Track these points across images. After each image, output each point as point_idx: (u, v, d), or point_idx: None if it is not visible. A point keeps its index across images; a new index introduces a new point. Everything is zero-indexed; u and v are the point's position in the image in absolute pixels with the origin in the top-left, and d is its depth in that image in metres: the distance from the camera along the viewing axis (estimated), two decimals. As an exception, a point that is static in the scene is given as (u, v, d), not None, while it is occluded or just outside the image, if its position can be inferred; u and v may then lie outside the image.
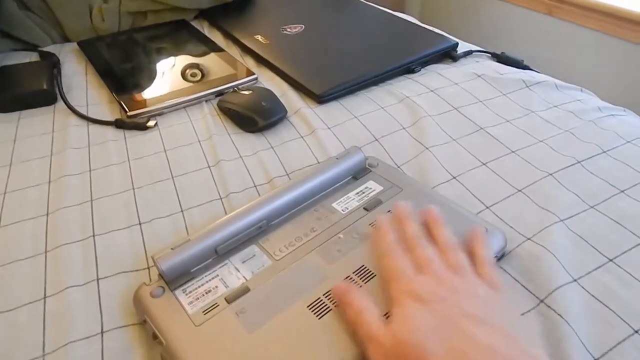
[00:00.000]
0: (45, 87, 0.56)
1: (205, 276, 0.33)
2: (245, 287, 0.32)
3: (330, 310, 0.30)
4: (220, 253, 0.34)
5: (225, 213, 0.41)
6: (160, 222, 0.40)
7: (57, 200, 0.42)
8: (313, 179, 0.40)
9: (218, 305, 0.30)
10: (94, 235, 0.39)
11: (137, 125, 0.52)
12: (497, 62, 0.67)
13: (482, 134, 0.51)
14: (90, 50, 0.68)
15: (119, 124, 0.52)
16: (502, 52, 0.68)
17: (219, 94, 0.58)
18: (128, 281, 0.35)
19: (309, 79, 0.59)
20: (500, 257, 0.36)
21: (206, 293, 0.31)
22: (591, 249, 0.36)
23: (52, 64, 0.62)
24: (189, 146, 0.50)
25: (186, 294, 0.31)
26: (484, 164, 0.46)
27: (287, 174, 0.46)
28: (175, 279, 0.32)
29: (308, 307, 0.30)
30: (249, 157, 0.48)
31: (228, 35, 0.75)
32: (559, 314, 0.31)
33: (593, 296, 0.33)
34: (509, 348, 0.24)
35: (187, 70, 0.61)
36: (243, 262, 0.34)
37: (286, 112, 0.54)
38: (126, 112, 0.54)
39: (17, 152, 0.48)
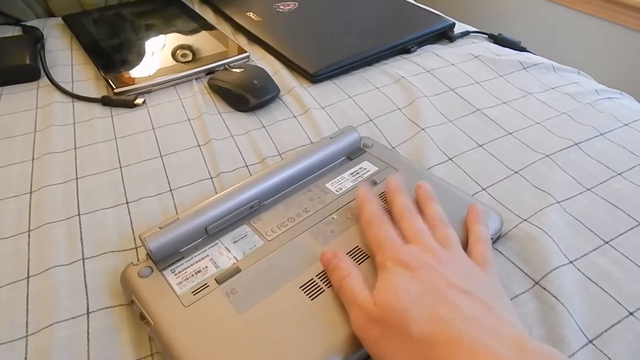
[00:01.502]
0: (28, 62, 0.54)
1: (195, 256, 0.32)
2: (236, 267, 0.31)
3: (324, 291, 0.29)
4: (211, 233, 0.33)
5: (216, 193, 0.40)
6: (149, 202, 0.39)
7: (41, 178, 0.41)
8: (306, 159, 0.39)
9: (208, 286, 0.30)
10: (79, 214, 0.37)
11: (124, 102, 0.50)
12: (494, 43, 0.66)
13: (479, 115, 0.50)
14: (75, 25, 0.66)
15: (105, 101, 0.51)
16: (499, 34, 0.67)
17: (210, 72, 0.57)
18: (114, 261, 0.34)
19: (302, 57, 0.58)
20: (497, 238, 0.35)
21: (196, 273, 0.31)
22: (587, 231, 0.36)
23: (35, 39, 0.60)
24: (178, 124, 0.48)
25: (175, 274, 0.30)
26: (480, 146, 0.45)
27: (280, 154, 0.45)
28: (164, 258, 0.31)
29: (300, 287, 0.29)
30: (241, 137, 0.47)
31: (219, 12, 0.73)
32: (554, 296, 0.31)
33: (588, 278, 0.32)
34: (492, 320, 0.24)
35: (178, 51, 0.59)
36: (234, 242, 0.33)
37: (279, 91, 0.53)
38: (113, 89, 0.52)
39: (0, 129, 0.47)
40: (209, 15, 0.73)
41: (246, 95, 0.50)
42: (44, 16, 0.71)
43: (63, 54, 0.60)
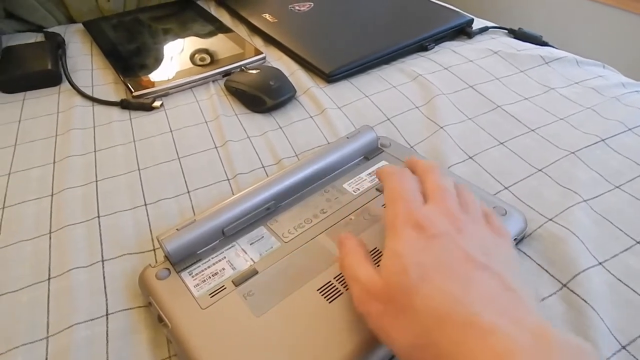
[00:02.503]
0: (49, 67, 0.55)
1: (212, 258, 0.32)
2: (253, 269, 0.31)
3: (342, 294, 0.28)
4: (228, 234, 0.33)
5: (233, 194, 0.39)
6: (166, 203, 0.39)
7: (62, 181, 0.41)
8: (323, 159, 0.38)
9: (225, 288, 0.29)
10: (98, 216, 0.38)
11: (142, 105, 0.51)
12: (514, 38, 0.65)
13: (499, 112, 0.48)
14: (95, 30, 0.67)
15: (124, 105, 0.51)
16: (519, 28, 0.65)
17: (226, 73, 0.57)
18: (133, 263, 0.34)
19: (318, 57, 0.57)
20: (521, 239, 0.34)
21: (213, 275, 0.30)
22: (616, 230, 0.34)
23: (56, 45, 0.61)
24: (195, 127, 0.49)
25: (192, 276, 0.30)
26: (502, 143, 0.44)
27: (296, 155, 0.45)
28: (181, 260, 0.31)
29: (318, 290, 0.29)
30: (257, 138, 0.47)
31: (235, 15, 0.73)
32: (583, 299, 0.29)
33: (619, 280, 0.31)
34: (513, 302, 0.21)
35: (195, 54, 0.60)
36: (251, 243, 0.33)
37: (295, 91, 0.53)
38: (132, 92, 0.52)
39: (22, 133, 0.48)
40: (225, 17, 0.74)
41: (262, 97, 0.50)
42: (65, 22, 0.73)
43: (83, 59, 0.61)
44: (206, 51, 0.60)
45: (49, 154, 0.45)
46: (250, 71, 0.54)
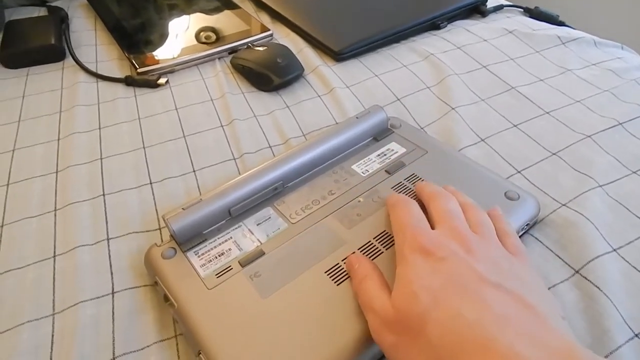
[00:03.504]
0: (53, 42, 0.54)
1: (218, 238, 0.31)
2: (260, 250, 0.30)
3: (349, 276, 0.28)
4: (234, 215, 0.33)
5: (239, 174, 0.39)
6: (172, 182, 0.39)
7: (67, 158, 0.41)
8: (332, 140, 0.37)
9: (231, 269, 0.29)
10: (104, 194, 0.37)
11: (147, 82, 0.50)
12: (530, 17, 0.63)
13: (513, 94, 0.47)
14: (99, 5, 0.65)
15: (129, 81, 0.50)
16: (536, 7, 0.63)
17: (233, 50, 0.55)
18: (139, 242, 0.34)
19: (327, 35, 0.56)
20: (533, 224, 0.33)
21: (219, 256, 0.30)
22: (632, 217, 0.33)
23: (60, 19, 0.59)
24: (201, 104, 0.48)
25: (198, 256, 0.30)
26: (515, 126, 0.43)
27: (304, 135, 0.44)
28: (187, 240, 0.31)
29: (325, 272, 0.28)
30: (264, 117, 0.46)
31: (242, -10, 0.71)
32: (596, 286, 0.29)
33: (634, 267, 0.30)
34: (533, 323, 0.20)
35: (201, 31, 0.58)
36: (257, 224, 0.32)
37: (303, 69, 0.51)
38: (136, 69, 0.51)
39: (26, 109, 0.47)
40: (231, -7, 0.72)
41: (269, 74, 0.49)
42: (68, -3, 0.71)
43: (87, 34, 0.60)
44: (212, 27, 0.59)
45: (53, 130, 0.44)
46: (257, 48, 0.52)
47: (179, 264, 0.30)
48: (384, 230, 0.31)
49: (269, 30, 0.58)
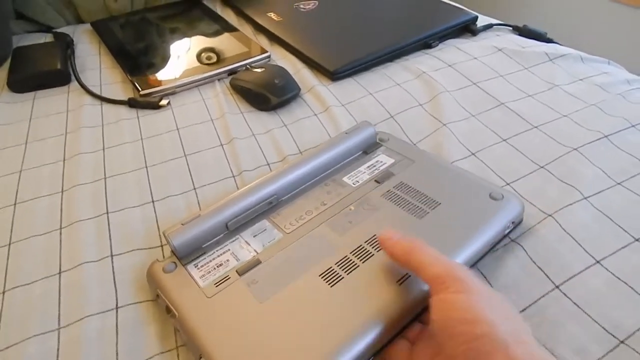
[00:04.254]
0: (59, 67, 0.56)
1: (217, 251, 0.33)
2: (257, 259, 0.31)
3: (343, 278, 0.29)
4: (231, 228, 0.34)
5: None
6: (173, 200, 0.40)
7: (72, 178, 0.42)
8: (323, 154, 0.39)
9: (229, 278, 0.30)
10: (107, 213, 0.39)
11: (150, 104, 0.52)
12: (519, 35, 0.65)
13: (503, 109, 0.49)
14: (103, 30, 0.68)
15: (132, 103, 0.52)
16: (524, 25, 0.65)
17: (232, 72, 0.58)
18: (141, 258, 0.35)
19: (322, 55, 0.58)
20: (518, 223, 0.34)
21: (218, 266, 0.31)
22: (616, 228, 0.35)
23: (65, 45, 0.62)
24: (201, 124, 0.49)
25: (198, 268, 0.31)
26: (504, 140, 0.44)
27: (301, 152, 0.45)
28: (187, 254, 0.32)
29: (320, 275, 0.30)
30: (262, 135, 0.48)
31: (241, 14, 0.74)
32: (574, 303, 0.30)
33: (617, 277, 0.31)
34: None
35: (202, 53, 0.60)
36: (254, 236, 0.34)
37: (299, 89, 0.53)
38: (139, 91, 0.53)
39: (33, 131, 0.49)
40: (230, 17, 0.74)
41: (267, 94, 0.51)
42: (73, 23, 0.74)
43: (92, 59, 0.62)
44: (212, 50, 0.61)
45: (59, 151, 0.46)
46: (256, 69, 0.54)
47: (179, 276, 0.31)
48: (375, 235, 0.32)
49: (267, 52, 0.60)
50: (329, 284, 0.29)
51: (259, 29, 0.69)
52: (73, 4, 0.73)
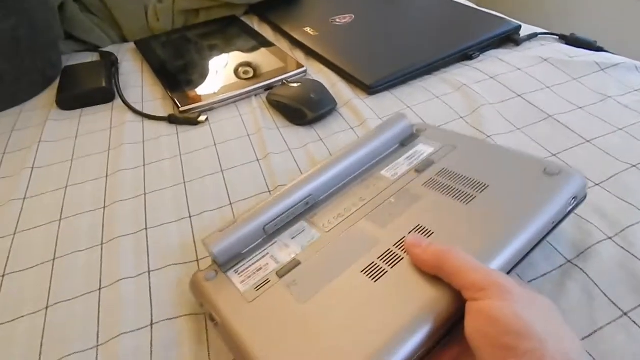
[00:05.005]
0: (104, 85, 0.58)
1: (256, 255, 0.32)
2: (296, 261, 0.30)
3: (387, 272, 0.27)
4: (269, 232, 0.33)
5: (274, 207, 0.40)
6: (209, 215, 0.40)
7: (114, 194, 0.43)
8: (358, 151, 0.38)
9: (269, 281, 0.29)
10: (146, 228, 0.39)
11: (188, 120, 0.53)
12: (566, 44, 0.62)
13: (551, 122, 0.46)
14: (146, 49, 0.70)
15: (172, 120, 0.53)
16: (572, 34, 0.62)
17: (268, 87, 0.58)
18: (177, 273, 0.35)
19: (359, 69, 0.57)
20: (582, 200, 0.31)
21: (257, 271, 0.31)
22: (687, 251, 0.31)
23: (110, 63, 0.64)
24: (238, 140, 0.50)
25: (238, 274, 0.31)
26: (554, 155, 0.42)
27: (337, 167, 0.44)
28: (227, 261, 0.32)
29: (362, 271, 0.28)
30: (298, 150, 0.47)
31: (277, 29, 0.74)
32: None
33: None
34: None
35: (239, 69, 0.61)
36: (292, 238, 0.33)
37: (336, 103, 0.53)
38: (178, 107, 0.54)
39: (78, 148, 0.50)
40: (267, 32, 0.75)
41: (303, 109, 0.50)
42: (118, 42, 0.77)
43: (135, 76, 0.64)
44: (249, 65, 0.62)
45: (102, 168, 0.47)
46: (292, 85, 0.54)
47: (220, 283, 0.30)
48: (419, 224, 0.30)
49: (303, 67, 0.60)
50: (372, 280, 0.27)
51: (295, 43, 0.69)
52: (118, 24, 0.76)
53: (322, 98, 0.52)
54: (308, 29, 0.69)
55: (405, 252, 0.28)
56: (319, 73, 0.61)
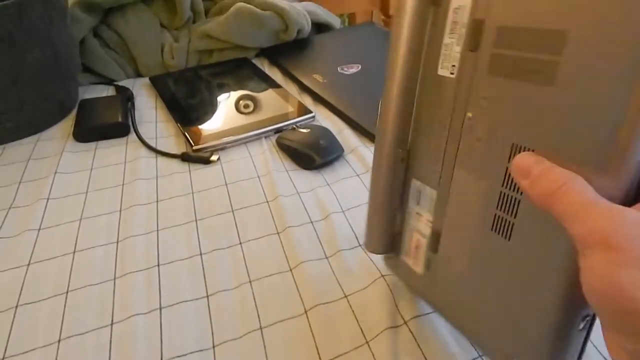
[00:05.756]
0: (120, 120, 0.60)
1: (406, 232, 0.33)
2: (437, 232, 0.29)
3: (514, 225, 0.23)
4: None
5: (283, 247, 0.42)
6: (219, 254, 0.42)
7: (127, 229, 0.44)
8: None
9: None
10: (158, 265, 0.40)
11: (201, 159, 0.55)
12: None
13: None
14: (160, 85, 0.73)
15: (184, 158, 0.55)
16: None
17: (278, 130, 0.60)
18: (187, 310, 0.36)
19: (365, 118, 0.60)
20: None
21: (416, 248, 0.32)
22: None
23: (126, 98, 0.67)
24: (248, 181, 0.52)
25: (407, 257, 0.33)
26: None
27: (343, 211, 0.46)
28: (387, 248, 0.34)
29: (492, 230, 0.24)
30: (306, 194, 0.49)
31: (287, 74, 0.78)
32: None
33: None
34: None
35: (250, 111, 0.64)
36: (418, 203, 0.31)
37: (343, 150, 0.55)
38: (192, 145, 0.56)
39: (93, 181, 0.52)
40: (277, 75, 0.79)
41: (312, 155, 0.53)
42: (133, 76, 0.80)
43: (149, 112, 0.67)
44: (260, 107, 0.65)
45: (116, 202, 0.49)
46: (301, 130, 0.57)
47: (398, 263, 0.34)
48: (514, 144, 0.22)
49: (312, 112, 0.63)
50: (505, 238, 0.24)
51: (304, 88, 0.72)
52: (134, 59, 0.79)
53: (331, 145, 0.54)
54: (317, 76, 0.73)
55: (518, 192, 0.23)
56: (326, 118, 0.64)
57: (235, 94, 0.69)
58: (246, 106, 0.66)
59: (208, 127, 0.60)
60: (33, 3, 0.55)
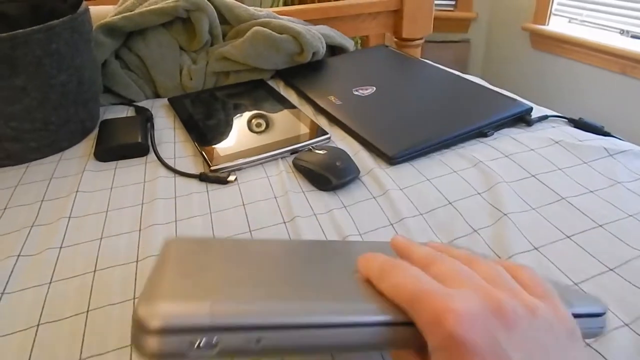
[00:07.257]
0: (140, 140, 0.62)
1: None
2: None
3: None
4: None
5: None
6: (238, 276, 0.42)
7: (146, 248, 0.45)
8: None
9: None
10: (177, 285, 0.41)
11: (218, 179, 0.56)
12: (575, 127, 0.66)
13: (564, 205, 0.49)
14: (178, 105, 0.75)
15: (202, 178, 0.56)
16: (580, 118, 0.66)
17: (294, 151, 0.61)
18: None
19: (381, 140, 0.61)
20: (596, 334, 0.31)
21: None
22: (702, 343, 0.33)
23: (146, 119, 0.68)
24: (265, 201, 0.52)
25: None
26: (568, 237, 0.44)
27: (360, 234, 0.46)
28: None
29: None
30: (323, 215, 0.50)
31: (302, 95, 0.79)
32: None
33: None
34: None
35: (266, 132, 0.65)
36: None
37: (359, 172, 0.56)
38: (209, 166, 0.57)
39: (113, 200, 0.53)
40: (292, 97, 0.80)
41: (328, 176, 0.53)
42: (152, 97, 0.82)
43: (167, 132, 0.68)
44: (276, 128, 0.66)
45: (135, 221, 0.49)
46: (317, 151, 0.57)
47: None
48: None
49: (328, 134, 0.64)
50: None
51: (319, 110, 0.73)
52: (153, 81, 0.81)
53: (347, 166, 0.55)
54: (332, 98, 0.74)
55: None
56: (342, 140, 0.65)
57: (251, 115, 0.70)
58: (262, 126, 0.67)
59: (225, 147, 0.61)
60: (61, 29, 0.57)
